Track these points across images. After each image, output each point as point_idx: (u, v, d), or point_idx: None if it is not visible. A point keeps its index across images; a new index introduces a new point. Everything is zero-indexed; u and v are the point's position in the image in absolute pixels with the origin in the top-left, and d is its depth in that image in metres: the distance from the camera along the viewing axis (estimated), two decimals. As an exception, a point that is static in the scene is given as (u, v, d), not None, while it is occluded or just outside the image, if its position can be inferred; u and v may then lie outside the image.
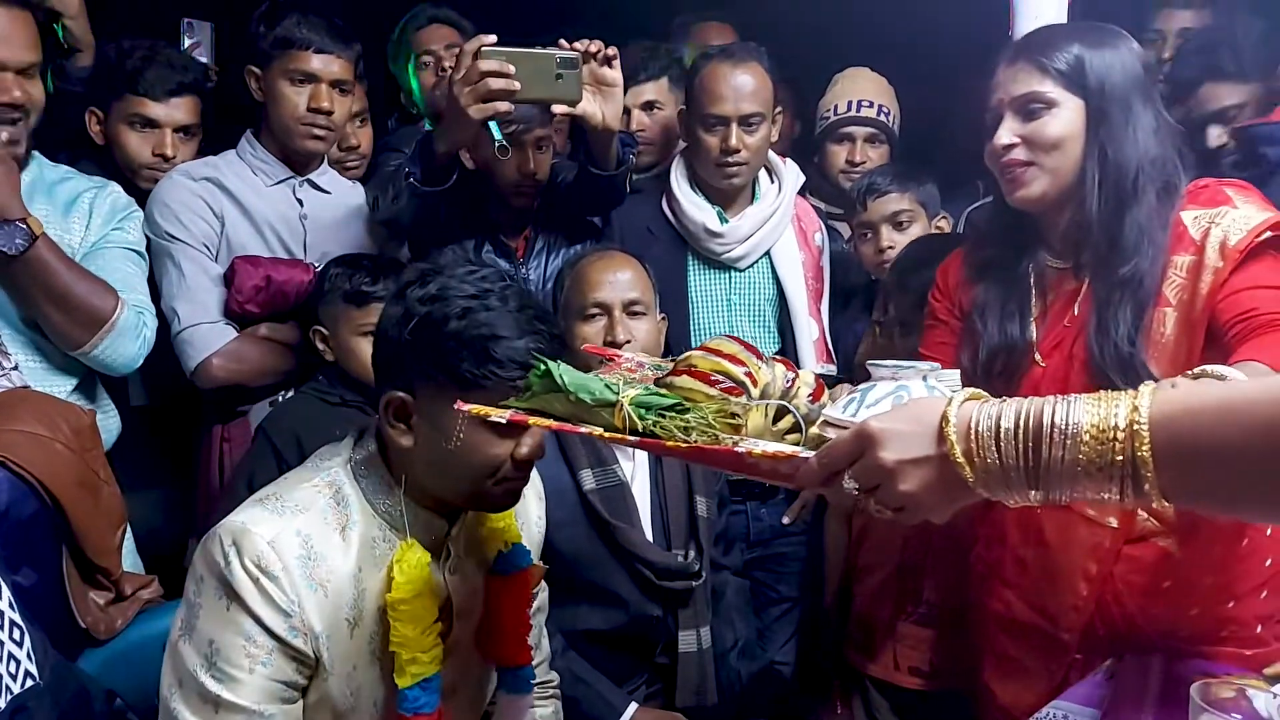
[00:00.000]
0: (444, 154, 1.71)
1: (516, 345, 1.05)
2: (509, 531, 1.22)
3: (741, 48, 1.97)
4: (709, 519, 1.76)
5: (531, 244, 2.00)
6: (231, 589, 1.03)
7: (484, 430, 1.06)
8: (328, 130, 1.89)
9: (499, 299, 1.08)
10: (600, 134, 1.75)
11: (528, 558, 1.24)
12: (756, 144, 1.92)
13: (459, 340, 1.05)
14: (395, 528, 1.12)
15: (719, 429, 0.91)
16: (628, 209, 2.05)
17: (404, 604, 1.07)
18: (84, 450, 1.41)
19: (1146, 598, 1.33)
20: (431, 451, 1.09)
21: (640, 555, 1.66)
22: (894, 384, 0.95)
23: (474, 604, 1.20)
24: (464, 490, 1.11)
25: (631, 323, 1.68)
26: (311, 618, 1.05)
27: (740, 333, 2.00)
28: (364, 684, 1.10)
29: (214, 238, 1.88)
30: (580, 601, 1.69)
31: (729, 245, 1.97)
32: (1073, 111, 1.31)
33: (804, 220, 2.07)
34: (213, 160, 1.94)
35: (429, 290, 1.09)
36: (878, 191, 2.00)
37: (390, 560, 1.09)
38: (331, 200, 2.00)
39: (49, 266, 1.51)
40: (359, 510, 1.11)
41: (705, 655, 1.74)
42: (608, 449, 1.69)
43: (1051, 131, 1.31)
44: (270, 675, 1.04)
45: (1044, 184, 1.34)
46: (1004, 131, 1.34)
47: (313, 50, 1.83)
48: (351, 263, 1.77)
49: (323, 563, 1.07)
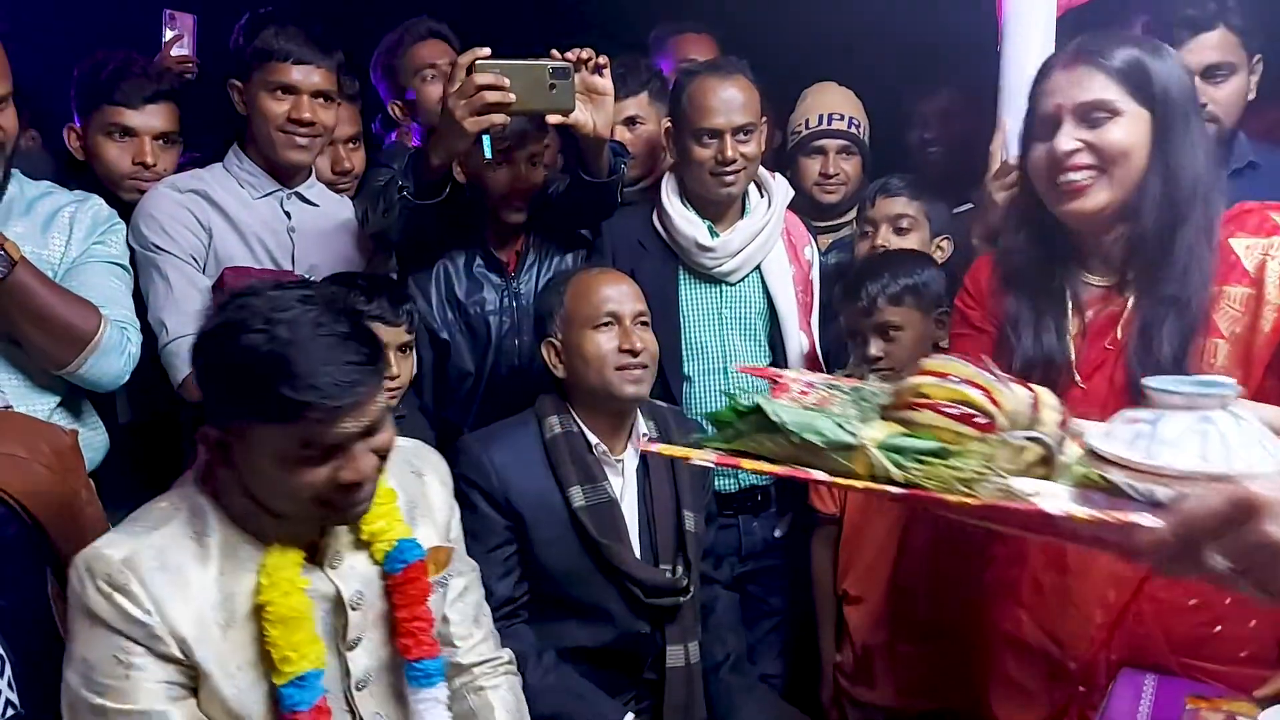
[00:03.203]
0: (438, 167, 1.71)
1: (302, 382, 1.03)
2: (390, 531, 1.24)
3: (725, 61, 1.98)
4: (697, 534, 1.76)
5: (523, 258, 2.00)
6: (90, 611, 1.08)
7: (294, 467, 1.07)
8: (310, 140, 1.88)
9: (288, 329, 1.05)
10: (593, 142, 1.76)
11: (417, 551, 1.25)
12: (752, 152, 1.93)
13: (249, 374, 1.05)
14: (255, 534, 1.15)
15: (1004, 477, 0.77)
16: (619, 223, 2.05)
17: (272, 605, 1.11)
18: (66, 471, 1.40)
19: (1171, 616, 1.30)
20: (255, 480, 1.12)
21: (629, 573, 1.66)
22: (1192, 415, 0.77)
23: (374, 596, 1.23)
24: (298, 511, 1.13)
25: (643, 333, 1.69)
26: (174, 622, 1.09)
27: (731, 346, 2.00)
28: (250, 684, 1.14)
29: (201, 250, 1.87)
30: (568, 618, 1.69)
31: (720, 259, 1.97)
32: (1139, 121, 1.25)
33: (794, 234, 2.07)
34: (199, 173, 1.93)
35: (219, 322, 1.09)
36: (889, 191, 2.02)
37: (257, 564, 1.13)
38: (319, 213, 1.99)
39: (28, 289, 1.49)
40: (216, 520, 1.14)
41: (693, 670, 1.74)
42: (598, 466, 1.69)
43: (1119, 140, 1.24)
44: (147, 678, 1.09)
45: (1105, 196, 1.26)
46: (1065, 137, 1.25)
47: (291, 61, 1.82)
48: (345, 281, 1.76)
49: (180, 571, 1.11)
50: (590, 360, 1.66)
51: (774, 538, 2.04)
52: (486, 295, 1.97)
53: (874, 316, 1.75)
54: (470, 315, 1.96)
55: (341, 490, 1.10)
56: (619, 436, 1.73)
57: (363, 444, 1.11)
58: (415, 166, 1.74)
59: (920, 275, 1.77)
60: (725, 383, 1.99)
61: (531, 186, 1.91)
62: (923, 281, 1.77)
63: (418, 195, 1.73)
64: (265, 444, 1.07)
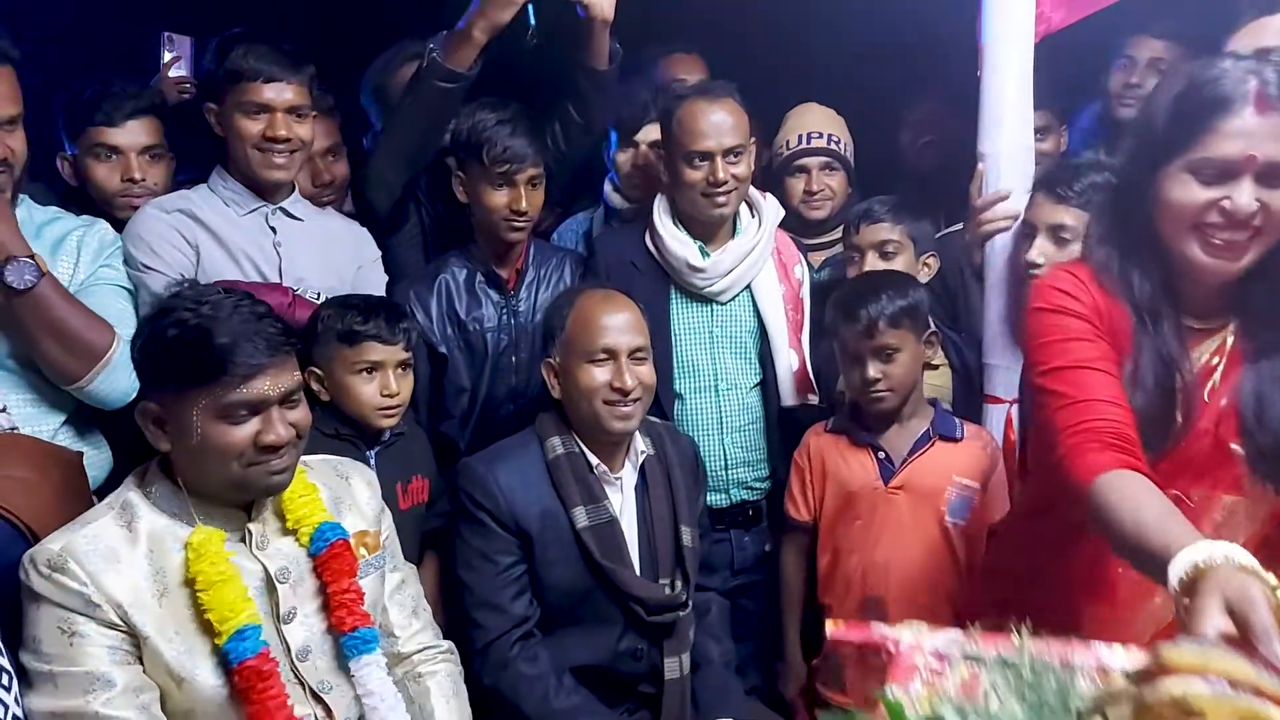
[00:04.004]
0: (476, 39, 1.86)
1: (226, 342, 1.22)
2: (313, 517, 1.36)
3: (714, 84, 2.02)
4: (694, 548, 1.80)
5: (522, 275, 2.04)
6: (35, 594, 1.20)
7: (219, 422, 1.23)
8: (289, 156, 1.89)
9: (212, 308, 1.25)
10: (597, 25, 1.96)
11: (339, 530, 1.37)
12: (742, 173, 1.98)
13: (179, 342, 1.23)
14: (182, 520, 1.28)
15: None
16: (612, 243, 2.09)
17: (202, 574, 1.24)
18: (72, 494, 1.41)
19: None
20: (184, 449, 1.26)
21: (632, 593, 1.68)
22: None
23: (303, 573, 1.35)
24: (225, 477, 1.27)
25: (637, 369, 1.70)
26: (110, 590, 1.20)
27: (722, 364, 2.04)
28: (190, 648, 1.24)
29: (189, 268, 1.87)
30: (570, 635, 1.71)
31: (711, 279, 2.01)
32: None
33: (784, 253, 2.11)
34: (185, 193, 1.93)
35: (155, 310, 1.28)
36: (872, 218, 2.06)
37: (184, 544, 1.26)
38: (304, 226, 1.98)
39: (50, 301, 1.52)
40: (145, 510, 1.28)
41: (686, 680, 1.78)
42: (599, 485, 1.72)
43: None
44: (89, 644, 1.19)
45: (1251, 258, 1.17)
46: (1245, 194, 1.12)
47: (263, 80, 1.82)
48: (342, 304, 1.78)
49: (112, 550, 1.23)
50: (583, 392, 1.68)
51: (765, 552, 2.08)
52: (486, 312, 2.00)
53: (874, 339, 1.78)
54: (469, 331, 1.99)
55: (262, 452, 1.26)
56: (617, 455, 1.76)
57: (279, 411, 1.27)
58: (450, 39, 1.85)
59: (914, 296, 1.82)
60: (716, 400, 2.04)
61: (531, 209, 1.95)
62: (917, 303, 1.81)
63: (445, 78, 1.87)
64: (194, 406, 1.23)
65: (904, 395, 1.82)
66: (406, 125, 2.02)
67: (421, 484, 1.88)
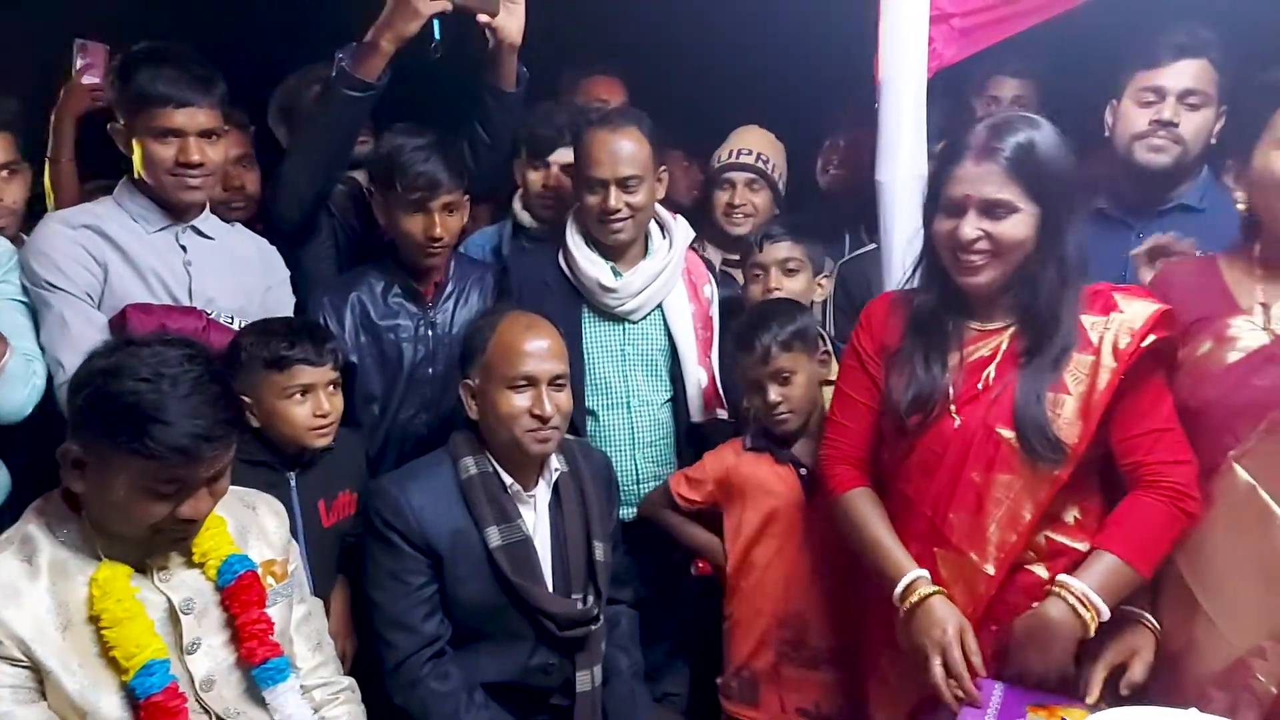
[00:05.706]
0: (383, 51, 1.91)
1: (174, 430, 1.19)
2: (219, 550, 1.37)
3: (620, 113, 2.08)
4: (605, 562, 1.84)
5: (441, 289, 2.06)
6: None
7: (142, 494, 1.22)
8: (203, 179, 1.86)
9: (170, 383, 1.21)
10: (505, 49, 2.06)
11: (247, 562, 1.38)
12: (639, 202, 2.02)
13: (124, 416, 1.19)
14: (86, 554, 1.27)
15: None
16: (525, 262, 2.12)
17: (106, 612, 1.23)
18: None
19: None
20: (100, 501, 1.25)
21: (544, 609, 1.72)
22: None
23: (208, 604, 1.35)
24: (135, 535, 1.26)
25: (556, 396, 1.72)
26: (10, 624, 1.20)
27: (634, 382, 2.09)
28: (94, 681, 1.24)
29: (97, 286, 1.82)
30: (482, 650, 1.74)
31: (622, 299, 2.05)
32: (1031, 218, 1.44)
33: (694, 273, 2.17)
34: (89, 207, 1.88)
35: (110, 362, 1.23)
36: (773, 237, 2.15)
37: (88, 578, 1.25)
38: (216, 245, 1.95)
39: None
40: (46, 543, 1.27)
41: (597, 692, 1.82)
42: (512, 504, 1.75)
43: (1014, 234, 1.44)
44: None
45: (994, 274, 1.47)
46: (969, 226, 1.45)
47: (173, 106, 1.77)
48: (264, 330, 1.76)
49: (11, 584, 1.23)
50: (501, 418, 1.70)
51: (674, 562, 2.14)
52: (402, 322, 2.02)
53: (770, 364, 1.85)
54: (384, 341, 2.00)
55: (178, 524, 1.26)
56: (531, 474, 1.79)
57: (205, 488, 1.27)
58: (358, 51, 1.89)
59: (802, 320, 1.90)
60: (628, 417, 2.09)
61: (447, 235, 1.96)
62: (806, 326, 1.90)
63: (353, 86, 1.91)
64: (121, 472, 1.20)
65: (805, 414, 1.90)
66: (316, 134, 2.04)
67: (349, 498, 1.88)
